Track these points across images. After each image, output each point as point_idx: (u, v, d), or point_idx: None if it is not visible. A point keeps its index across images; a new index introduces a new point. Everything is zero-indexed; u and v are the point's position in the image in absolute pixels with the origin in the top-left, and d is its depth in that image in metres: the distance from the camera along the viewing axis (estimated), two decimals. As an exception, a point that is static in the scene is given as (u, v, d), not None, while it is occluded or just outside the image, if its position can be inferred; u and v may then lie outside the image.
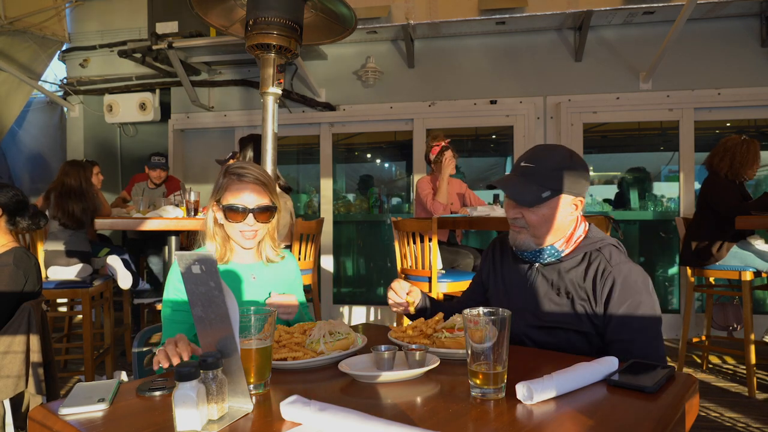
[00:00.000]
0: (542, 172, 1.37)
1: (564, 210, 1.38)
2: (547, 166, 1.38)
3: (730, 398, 2.98)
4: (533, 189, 1.37)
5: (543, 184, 1.36)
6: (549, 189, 1.36)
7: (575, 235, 1.41)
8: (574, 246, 1.41)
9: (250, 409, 0.91)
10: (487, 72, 4.70)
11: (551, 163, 1.38)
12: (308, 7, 2.52)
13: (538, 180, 1.37)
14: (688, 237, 3.33)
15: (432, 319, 1.31)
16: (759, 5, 4.12)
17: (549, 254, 1.41)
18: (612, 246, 1.40)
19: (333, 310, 5.04)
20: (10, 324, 1.93)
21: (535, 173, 1.38)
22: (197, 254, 0.88)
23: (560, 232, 1.40)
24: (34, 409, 0.95)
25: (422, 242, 3.05)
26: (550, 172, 1.37)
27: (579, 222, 1.43)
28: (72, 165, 3.52)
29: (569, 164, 1.38)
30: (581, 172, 1.39)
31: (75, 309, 4.00)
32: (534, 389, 0.92)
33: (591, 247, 1.40)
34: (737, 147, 3.13)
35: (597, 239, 1.42)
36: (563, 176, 1.36)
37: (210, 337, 0.93)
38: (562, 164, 1.38)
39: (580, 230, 1.43)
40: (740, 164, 3.11)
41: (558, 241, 1.40)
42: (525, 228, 1.41)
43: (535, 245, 1.42)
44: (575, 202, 1.40)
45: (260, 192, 1.52)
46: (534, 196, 1.36)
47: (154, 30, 4.49)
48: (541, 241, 1.41)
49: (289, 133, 5.11)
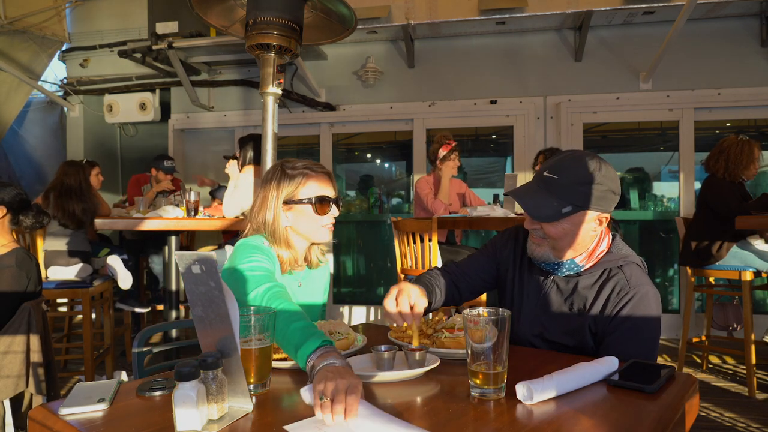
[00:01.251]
0: (565, 185, 1.27)
1: (586, 226, 1.29)
2: (571, 179, 1.27)
3: (730, 398, 2.98)
4: (553, 204, 1.27)
5: (564, 198, 1.27)
6: (570, 204, 1.26)
7: (598, 250, 1.34)
8: (596, 261, 1.34)
9: (250, 409, 0.91)
10: (487, 72, 4.70)
11: (576, 177, 1.27)
12: (308, 7, 2.52)
13: (559, 193, 1.27)
14: (688, 237, 3.33)
15: (432, 319, 1.31)
16: (759, 5, 4.12)
17: (568, 268, 1.35)
18: (634, 264, 1.34)
19: (333, 310, 5.04)
20: (11, 324, 1.93)
21: (557, 186, 1.28)
22: (197, 254, 0.88)
23: (582, 247, 1.33)
24: (34, 409, 0.95)
25: (422, 242, 3.05)
26: (573, 186, 1.27)
27: (603, 236, 1.36)
28: (71, 165, 3.52)
29: (597, 179, 1.27)
30: (610, 186, 1.28)
31: (75, 309, 4.00)
32: (534, 389, 0.92)
33: (612, 264, 1.33)
34: (731, 147, 3.13)
35: (620, 256, 1.34)
36: (588, 191, 1.26)
37: (210, 337, 0.93)
38: (588, 178, 1.27)
39: (603, 245, 1.35)
40: (735, 165, 3.11)
41: (579, 255, 1.33)
42: (545, 239, 1.33)
43: (554, 258, 1.34)
44: (600, 218, 1.30)
45: (332, 183, 1.52)
46: (553, 211, 1.27)
47: (154, 30, 4.49)
48: (561, 254, 1.33)
49: (289, 133, 5.11)
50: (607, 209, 1.30)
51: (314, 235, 1.49)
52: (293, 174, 1.46)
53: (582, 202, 1.26)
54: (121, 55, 4.98)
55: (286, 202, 1.46)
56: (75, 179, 3.42)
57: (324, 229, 1.48)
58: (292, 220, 1.47)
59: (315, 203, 1.45)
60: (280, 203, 1.46)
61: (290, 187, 1.46)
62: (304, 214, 1.46)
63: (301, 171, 1.47)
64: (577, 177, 1.27)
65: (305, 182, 1.46)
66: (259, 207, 1.49)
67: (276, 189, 1.46)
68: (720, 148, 3.18)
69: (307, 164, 1.49)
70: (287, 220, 1.47)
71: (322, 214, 1.46)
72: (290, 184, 1.46)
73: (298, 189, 1.46)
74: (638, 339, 1.26)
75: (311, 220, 1.46)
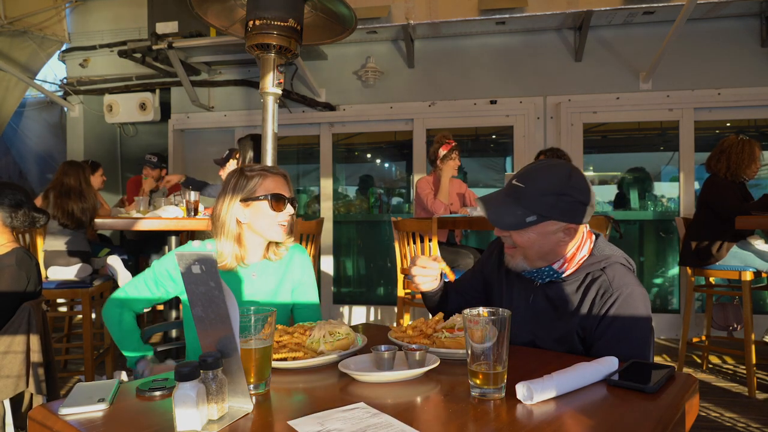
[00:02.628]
0: (531, 194, 1.27)
1: (553, 236, 1.28)
2: (537, 188, 1.27)
3: (730, 398, 2.98)
4: (517, 212, 1.27)
5: (529, 207, 1.26)
6: (535, 214, 1.25)
7: (578, 256, 1.33)
8: (577, 266, 1.33)
9: (250, 409, 0.91)
10: (487, 72, 4.70)
11: (543, 187, 1.27)
12: (308, 7, 2.52)
13: (524, 203, 1.27)
14: (688, 237, 3.33)
15: (432, 319, 1.31)
16: (759, 5, 4.12)
17: (548, 275, 1.35)
18: (618, 264, 1.32)
19: (333, 310, 5.04)
20: (10, 324, 1.93)
21: (523, 195, 1.27)
22: (197, 254, 0.88)
23: (553, 256, 1.32)
24: (34, 409, 0.95)
25: (422, 242, 3.05)
26: (539, 196, 1.26)
27: (584, 241, 1.34)
28: (71, 165, 3.51)
29: (564, 188, 1.26)
30: (578, 198, 1.27)
31: (75, 309, 4.00)
32: (534, 389, 0.92)
33: (594, 267, 1.32)
34: (732, 147, 3.14)
35: (602, 257, 1.33)
36: (554, 202, 1.25)
37: (210, 337, 0.93)
38: (555, 189, 1.26)
39: (585, 250, 1.34)
40: (736, 164, 3.11)
41: (556, 262, 1.33)
42: (516, 249, 1.33)
43: (528, 267, 1.35)
44: (568, 229, 1.28)
45: (287, 184, 1.60)
46: (517, 220, 1.27)
47: (154, 30, 4.49)
48: (533, 263, 1.34)
49: (289, 133, 5.11)
50: (576, 220, 1.28)
51: (269, 233, 1.56)
52: (251, 175, 1.56)
53: (547, 212, 1.26)
54: (121, 55, 4.99)
55: (244, 200, 1.54)
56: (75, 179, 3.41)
57: (278, 227, 1.55)
58: (249, 217, 1.55)
59: (271, 200, 1.53)
60: (236, 201, 1.54)
61: (248, 186, 1.55)
62: (260, 211, 1.54)
63: (259, 172, 1.56)
64: (543, 187, 1.27)
65: (262, 182, 1.55)
66: (216, 208, 1.58)
67: (233, 189, 1.56)
68: (721, 148, 3.19)
69: (265, 167, 1.59)
70: (245, 217, 1.55)
71: (277, 211, 1.54)
72: (248, 183, 1.55)
73: (255, 187, 1.54)
74: (628, 341, 1.24)
75: (267, 217, 1.54)
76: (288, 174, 1.62)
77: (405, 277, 3.28)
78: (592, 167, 4.99)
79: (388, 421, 0.84)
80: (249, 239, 1.58)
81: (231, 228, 1.54)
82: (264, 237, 1.57)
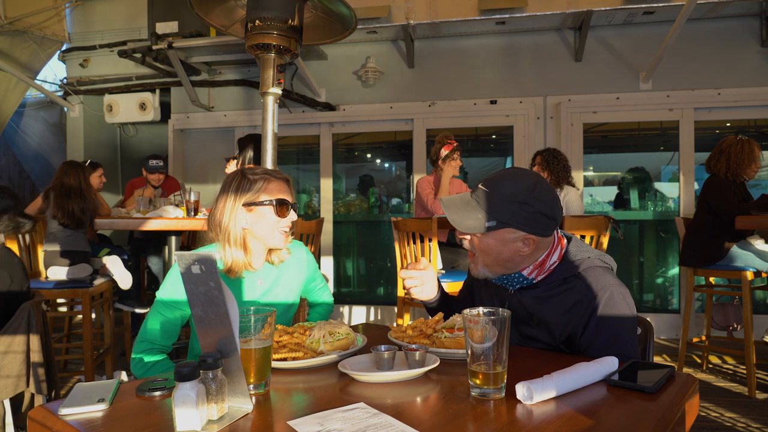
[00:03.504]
0: (494, 200, 1.27)
1: (512, 244, 1.27)
2: (501, 195, 1.27)
3: (730, 398, 2.98)
4: (478, 216, 1.27)
5: (490, 212, 1.26)
6: (495, 219, 1.25)
7: (548, 263, 1.31)
8: (548, 272, 1.32)
9: (250, 409, 0.91)
10: (487, 72, 4.70)
11: (506, 194, 1.26)
12: (308, 7, 2.52)
13: (487, 207, 1.27)
14: (688, 237, 3.33)
15: (432, 319, 1.31)
16: (759, 5, 4.12)
17: (518, 281, 1.33)
18: (594, 267, 1.29)
19: (333, 310, 5.03)
20: (10, 324, 1.93)
21: (486, 199, 1.27)
22: (197, 254, 0.88)
23: (512, 265, 1.31)
24: (34, 409, 0.95)
25: (422, 242, 3.05)
26: (500, 202, 1.26)
27: (554, 248, 1.32)
28: (71, 165, 3.51)
29: (526, 198, 1.25)
30: (541, 209, 1.26)
31: (75, 309, 4.00)
32: (534, 389, 0.92)
33: (568, 273, 1.30)
34: (732, 147, 3.14)
35: (576, 261, 1.31)
36: (515, 210, 1.25)
37: (210, 337, 0.93)
38: (518, 197, 1.25)
39: (555, 256, 1.32)
40: (736, 164, 3.11)
41: (525, 269, 1.31)
42: (476, 256, 1.33)
43: (490, 274, 1.34)
44: (528, 239, 1.27)
45: (290, 189, 1.56)
46: (477, 224, 1.27)
47: (154, 30, 4.49)
48: (493, 270, 1.32)
49: (289, 133, 5.11)
50: (537, 231, 1.27)
51: (270, 240, 1.52)
52: (254, 178, 1.51)
53: (507, 219, 1.26)
54: (121, 55, 4.99)
55: (247, 205, 1.49)
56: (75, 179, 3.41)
57: (280, 234, 1.52)
58: (251, 223, 1.50)
59: (276, 205, 1.49)
60: (238, 206, 1.49)
61: (251, 191, 1.50)
62: (263, 217, 1.50)
63: (262, 176, 1.52)
64: (507, 194, 1.27)
65: (266, 186, 1.51)
66: (217, 211, 1.52)
67: (235, 193, 1.50)
68: (720, 149, 3.19)
69: (267, 170, 1.55)
70: (246, 222, 1.50)
71: (282, 217, 1.50)
72: (251, 188, 1.50)
73: (259, 192, 1.50)
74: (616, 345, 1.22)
75: (270, 223, 1.50)
76: (290, 178, 1.59)
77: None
78: (592, 167, 4.99)
79: (388, 421, 0.84)
80: (252, 245, 1.54)
81: (237, 234, 1.49)
82: (264, 244, 1.53)
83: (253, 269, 1.56)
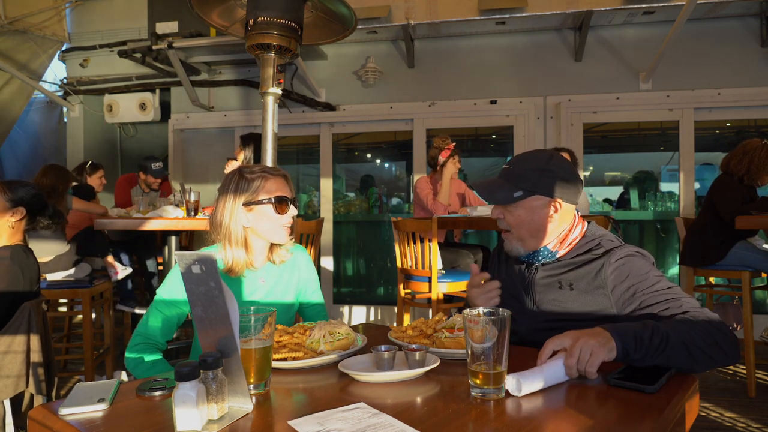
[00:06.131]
0: (517, 173, 1.41)
1: (541, 211, 1.39)
2: (522, 167, 1.41)
3: (730, 398, 2.98)
4: (505, 189, 1.40)
5: (516, 184, 1.39)
6: (521, 189, 1.38)
7: (570, 237, 1.42)
8: (570, 247, 1.42)
9: (250, 409, 0.91)
10: (487, 72, 4.70)
11: (527, 165, 1.41)
12: (308, 7, 2.52)
13: (512, 180, 1.40)
14: (688, 237, 3.33)
15: (432, 319, 1.31)
16: (759, 5, 4.12)
17: (543, 256, 1.43)
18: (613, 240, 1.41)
19: (333, 310, 5.04)
20: (11, 324, 1.93)
21: (511, 174, 1.41)
22: (197, 254, 0.88)
23: (543, 234, 1.40)
24: (34, 409, 0.95)
25: (422, 242, 3.05)
26: (524, 173, 1.40)
27: (575, 224, 1.43)
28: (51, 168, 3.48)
29: (546, 166, 1.39)
30: (561, 175, 1.39)
31: (75, 309, 4.00)
32: (522, 381, 0.93)
33: (591, 244, 1.40)
34: (756, 151, 3.10)
35: (596, 236, 1.42)
36: (537, 177, 1.38)
37: (210, 337, 0.93)
38: (538, 166, 1.40)
39: (576, 232, 1.43)
40: (757, 168, 3.08)
41: (550, 242, 1.41)
42: (510, 232, 1.43)
43: (523, 249, 1.43)
44: (554, 204, 1.39)
45: (288, 185, 1.57)
46: (505, 195, 1.39)
47: (154, 30, 4.49)
48: (527, 244, 1.42)
49: (289, 133, 5.11)
50: (561, 196, 1.38)
51: (273, 235, 1.54)
52: (252, 177, 1.53)
53: (531, 186, 1.38)
54: (121, 55, 4.99)
55: (246, 204, 1.51)
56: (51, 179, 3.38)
57: (282, 229, 1.54)
58: (252, 221, 1.52)
59: (275, 202, 1.51)
60: (238, 206, 1.51)
61: (250, 190, 1.51)
62: (264, 215, 1.51)
63: (260, 174, 1.53)
64: (527, 165, 1.41)
65: (264, 184, 1.52)
66: (218, 212, 1.53)
67: (234, 193, 1.52)
68: (744, 150, 3.13)
69: (264, 168, 1.56)
70: (247, 221, 1.52)
71: (281, 214, 1.52)
72: (250, 187, 1.52)
73: (257, 191, 1.51)
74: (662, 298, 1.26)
75: (271, 220, 1.52)
76: (288, 174, 1.60)
77: (405, 277, 3.28)
78: (592, 167, 4.99)
79: (388, 421, 0.84)
80: (254, 243, 1.55)
81: (238, 234, 1.51)
82: (267, 240, 1.56)
83: (254, 268, 1.58)
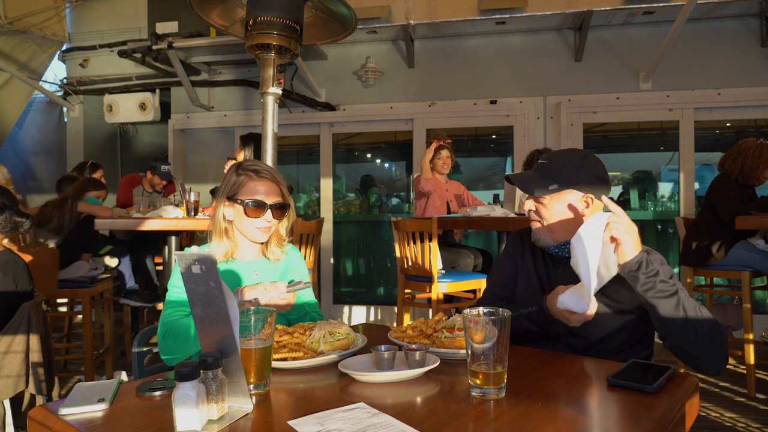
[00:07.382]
0: (553, 168, 1.47)
1: (573, 205, 1.45)
2: (559, 163, 1.47)
3: (730, 398, 2.98)
4: (540, 181, 1.46)
5: (552, 177, 1.45)
6: (556, 182, 1.44)
7: None
8: None
9: (250, 409, 0.91)
10: (487, 72, 4.70)
11: (563, 161, 1.47)
12: (308, 7, 2.52)
13: (547, 174, 1.46)
14: (688, 237, 3.33)
15: (432, 319, 1.31)
16: (759, 5, 4.12)
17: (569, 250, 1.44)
18: None
19: (333, 310, 5.04)
20: (11, 324, 1.93)
21: (547, 169, 1.47)
22: (197, 254, 0.88)
23: (573, 227, 1.39)
24: (34, 409, 0.95)
25: (422, 242, 3.05)
26: (559, 168, 1.46)
27: None
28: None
29: (580, 163, 1.46)
30: (595, 172, 1.45)
31: (75, 309, 4.00)
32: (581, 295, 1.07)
33: None
34: (750, 150, 3.11)
35: None
36: (572, 172, 1.44)
37: (210, 337, 0.93)
38: (573, 162, 1.46)
39: None
40: (751, 167, 3.09)
41: None
42: (540, 222, 1.48)
43: (551, 241, 1.47)
44: (585, 199, 1.44)
45: (276, 189, 1.57)
46: (540, 187, 1.45)
47: (154, 30, 4.49)
48: (555, 236, 1.46)
49: (289, 133, 5.11)
50: (593, 192, 1.44)
51: (249, 235, 1.57)
52: (240, 173, 1.55)
53: (566, 180, 1.44)
54: (121, 55, 4.98)
55: (228, 199, 1.55)
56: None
57: (258, 231, 1.55)
58: (234, 216, 1.55)
59: (250, 205, 1.52)
60: (223, 199, 1.55)
61: (234, 186, 1.55)
62: (240, 214, 1.54)
63: (247, 173, 1.55)
64: (564, 161, 1.48)
65: (246, 184, 1.54)
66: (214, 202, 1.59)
67: (224, 186, 1.56)
68: (738, 149, 3.15)
69: (256, 167, 1.57)
70: (229, 215, 1.56)
71: (252, 217, 1.53)
72: (234, 183, 1.55)
73: (239, 189, 1.54)
74: None
75: (245, 221, 1.54)
76: (279, 176, 1.59)
77: (405, 276, 3.28)
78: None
79: (388, 421, 0.84)
80: (237, 236, 1.58)
81: (220, 223, 1.55)
82: (246, 237, 1.58)
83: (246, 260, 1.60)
